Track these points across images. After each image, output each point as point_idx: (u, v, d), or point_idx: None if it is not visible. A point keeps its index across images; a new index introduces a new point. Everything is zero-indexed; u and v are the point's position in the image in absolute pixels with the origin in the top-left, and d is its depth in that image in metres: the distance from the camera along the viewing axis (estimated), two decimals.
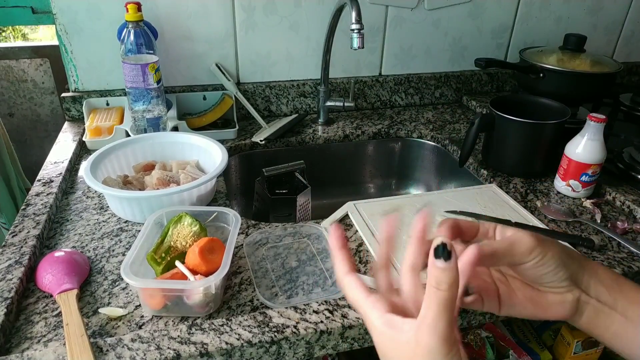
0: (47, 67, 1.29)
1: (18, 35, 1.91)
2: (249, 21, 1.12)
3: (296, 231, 0.76)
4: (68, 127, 1.08)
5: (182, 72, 1.13)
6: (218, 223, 0.73)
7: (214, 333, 0.57)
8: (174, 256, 0.64)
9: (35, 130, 1.36)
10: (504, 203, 0.86)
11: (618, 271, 0.70)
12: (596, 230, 0.79)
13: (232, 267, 0.68)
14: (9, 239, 0.71)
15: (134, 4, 0.90)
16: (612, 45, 1.44)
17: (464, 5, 1.24)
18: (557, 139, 0.91)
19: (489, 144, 0.98)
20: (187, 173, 0.84)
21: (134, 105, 0.94)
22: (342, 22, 1.05)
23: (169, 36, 1.08)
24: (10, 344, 0.56)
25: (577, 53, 1.13)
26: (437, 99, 1.34)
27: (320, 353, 0.60)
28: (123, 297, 0.63)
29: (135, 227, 0.77)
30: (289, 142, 1.12)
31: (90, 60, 1.07)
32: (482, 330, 0.88)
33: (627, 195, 0.87)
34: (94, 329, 0.58)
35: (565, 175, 0.88)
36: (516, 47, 1.32)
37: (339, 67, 1.23)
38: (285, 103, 1.22)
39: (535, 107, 0.97)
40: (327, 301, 0.62)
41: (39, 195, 0.81)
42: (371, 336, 0.40)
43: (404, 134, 1.18)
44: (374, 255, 0.71)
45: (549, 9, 1.31)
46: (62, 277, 0.63)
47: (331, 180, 1.19)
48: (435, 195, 0.88)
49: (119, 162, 0.87)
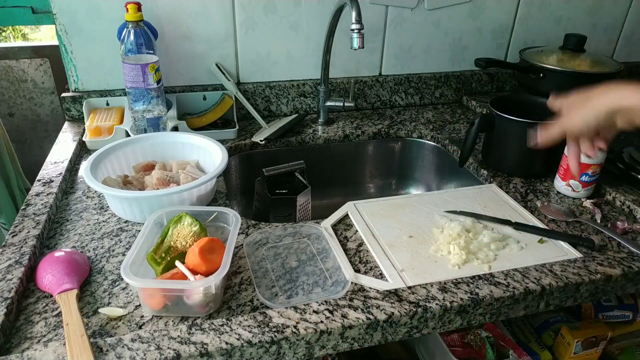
0: (47, 67, 1.29)
1: (18, 35, 1.91)
2: (249, 21, 1.12)
3: (296, 231, 0.76)
4: (68, 127, 1.08)
5: (182, 72, 1.13)
6: (218, 223, 0.73)
7: (214, 333, 0.57)
8: (174, 256, 0.64)
9: (35, 130, 1.36)
10: (504, 203, 0.86)
11: (618, 271, 0.70)
12: (596, 230, 0.79)
13: (232, 267, 0.68)
14: (9, 239, 0.71)
15: (134, 4, 0.90)
16: (612, 45, 1.44)
17: (464, 5, 1.24)
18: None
19: (489, 144, 0.98)
20: (187, 173, 0.84)
21: (134, 105, 0.94)
22: (342, 22, 1.05)
23: (169, 36, 1.08)
24: (10, 344, 0.56)
25: (577, 53, 1.14)
26: (437, 99, 1.34)
27: (320, 353, 0.60)
28: (123, 297, 0.63)
29: (135, 227, 0.77)
30: (289, 142, 1.12)
31: (90, 60, 1.07)
32: (482, 330, 0.88)
33: (627, 195, 0.87)
34: (94, 329, 0.58)
35: (565, 175, 0.88)
36: (516, 47, 1.32)
37: (339, 67, 1.23)
38: (285, 103, 1.22)
39: (535, 107, 0.97)
40: (327, 301, 0.62)
41: (39, 195, 0.81)
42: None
43: (404, 134, 1.18)
44: (373, 256, 0.71)
45: (549, 9, 1.31)
46: (62, 277, 0.63)
47: (331, 180, 1.19)
48: (435, 195, 0.88)
49: (119, 162, 0.87)
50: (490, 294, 0.65)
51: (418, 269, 0.69)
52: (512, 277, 0.68)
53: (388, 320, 0.60)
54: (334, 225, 0.79)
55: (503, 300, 0.65)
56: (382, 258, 0.71)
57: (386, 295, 0.64)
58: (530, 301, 0.67)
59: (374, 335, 0.61)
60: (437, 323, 0.64)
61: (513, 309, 0.67)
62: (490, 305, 0.65)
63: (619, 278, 0.70)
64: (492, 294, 0.65)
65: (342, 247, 0.73)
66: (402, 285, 0.65)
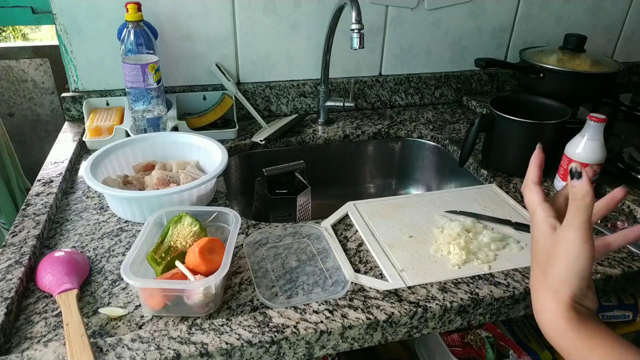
0: (47, 67, 1.29)
1: (18, 35, 1.91)
2: (249, 21, 1.11)
3: (296, 231, 0.76)
4: (68, 127, 1.08)
5: (182, 72, 1.13)
6: (218, 223, 0.73)
7: (214, 333, 0.57)
8: (174, 256, 0.64)
9: (35, 130, 1.36)
10: (504, 203, 0.86)
11: (618, 271, 0.70)
12: (596, 230, 0.79)
13: (232, 267, 0.68)
14: (9, 239, 0.70)
15: (134, 4, 0.90)
16: (612, 45, 1.44)
17: (464, 5, 1.24)
18: (557, 139, 0.91)
19: (489, 144, 0.98)
20: (187, 173, 0.84)
21: (134, 105, 0.94)
22: (342, 22, 1.05)
23: (169, 36, 1.08)
24: (10, 344, 0.56)
25: (577, 53, 1.13)
26: (437, 99, 1.34)
27: (320, 353, 0.60)
28: (123, 297, 0.63)
29: (135, 227, 0.77)
30: (289, 142, 1.12)
31: (90, 60, 1.07)
32: (482, 330, 0.88)
33: (627, 195, 0.86)
34: (94, 329, 0.58)
35: (565, 175, 0.88)
36: (516, 47, 1.32)
37: (339, 67, 1.23)
38: (285, 103, 1.22)
39: (535, 107, 0.97)
40: (327, 301, 0.62)
41: (39, 195, 0.81)
42: (532, 232, 0.51)
43: (404, 134, 1.18)
44: (373, 256, 0.71)
45: (549, 9, 1.31)
46: (62, 277, 0.63)
47: (331, 180, 1.19)
48: (435, 195, 0.88)
49: (119, 162, 0.87)
50: (490, 294, 0.65)
51: (418, 269, 0.69)
52: (512, 277, 0.68)
53: (388, 320, 0.60)
54: (334, 225, 0.79)
55: (503, 300, 0.65)
56: (382, 258, 0.71)
57: (386, 295, 0.64)
58: (530, 301, 0.67)
59: (374, 335, 0.61)
60: (437, 323, 0.64)
61: (513, 309, 0.67)
62: (490, 305, 0.65)
63: (619, 278, 0.70)
64: (492, 294, 0.65)
65: (342, 247, 0.73)
66: (402, 285, 0.65)
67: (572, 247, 0.46)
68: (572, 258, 0.46)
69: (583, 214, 0.45)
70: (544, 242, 0.49)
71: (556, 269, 0.47)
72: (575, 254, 0.46)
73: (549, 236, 0.49)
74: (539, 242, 0.50)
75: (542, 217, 0.50)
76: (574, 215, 0.46)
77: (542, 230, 0.50)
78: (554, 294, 0.47)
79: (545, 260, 0.49)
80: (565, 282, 0.47)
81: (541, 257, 0.50)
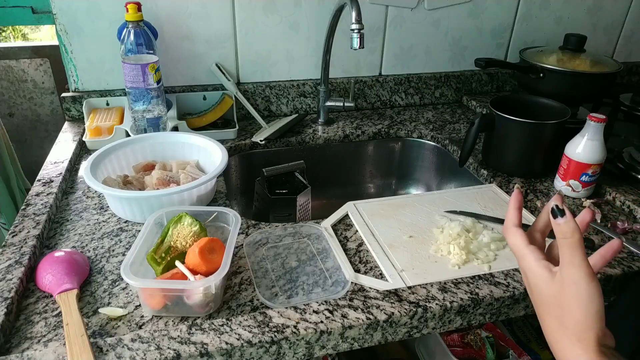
0: (47, 67, 1.29)
1: (18, 35, 1.91)
2: (249, 21, 1.11)
3: (296, 231, 0.76)
4: (68, 127, 1.08)
5: (182, 72, 1.13)
6: (218, 223, 0.73)
7: (214, 333, 0.57)
8: (174, 256, 0.64)
9: (35, 130, 1.36)
10: (504, 203, 0.86)
11: (618, 271, 0.70)
12: (596, 230, 0.79)
13: (232, 267, 0.68)
14: (9, 239, 0.70)
15: (134, 4, 0.90)
16: (612, 45, 1.44)
17: (464, 5, 1.24)
18: (557, 139, 0.91)
19: (489, 144, 0.98)
20: (187, 173, 0.84)
21: (134, 105, 0.94)
22: (342, 22, 1.05)
23: (169, 36, 1.08)
24: (10, 344, 0.56)
25: (577, 53, 1.13)
26: (437, 99, 1.34)
27: (320, 353, 0.60)
28: (123, 297, 0.63)
29: (135, 227, 0.77)
30: (289, 142, 1.12)
31: (90, 60, 1.07)
32: (482, 330, 0.88)
33: (627, 195, 0.87)
34: (94, 329, 0.58)
35: (565, 175, 0.88)
36: (516, 47, 1.32)
37: (339, 67, 1.23)
38: (285, 103, 1.22)
39: (535, 107, 0.97)
40: (327, 301, 0.62)
41: (39, 195, 0.81)
42: (526, 277, 0.51)
43: (404, 134, 1.18)
44: (373, 256, 0.71)
45: (549, 9, 1.31)
46: (62, 277, 0.63)
47: (331, 180, 1.19)
48: (435, 195, 0.88)
49: (119, 162, 0.87)
50: (490, 294, 0.65)
51: (418, 269, 0.69)
52: (512, 277, 0.68)
53: (388, 320, 0.60)
54: (334, 225, 0.79)
55: (503, 300, 0.65)
56: (382, 258, 0.71)
57: (386, 295, 0.64)
58: (530, 301, 0.67)
59: (374, 335, 0.61)
60: (437, 323, 0.64)
61: (513, 309, 0.67)
62: (490, 305, 0.65)
63: (619, 278, 0.70)
64: (492, 294, 0.65)
65: (342, 247, 0.73)
66: (402, 285, 0.65)
67: (581, 289, 0.44)
68: (585, 301, 0.44)
69: (579, 251, 0.44)
70: (548, 288, 0.47)
71: (574, 315, 0.45)
72: (587, 295, 0.44)
73: (549, 280, 0.47)
74: (541, 289, 0.48)
75: (533, 260, 0.49)
76: (571, 255, 0.45)
77: (538, 275, 0.48)
78: (579, 342, 0.45)
79: (556, 307, 0.47)
80: (588, 327, 0.45)
81: (551, 306, 0.47)
